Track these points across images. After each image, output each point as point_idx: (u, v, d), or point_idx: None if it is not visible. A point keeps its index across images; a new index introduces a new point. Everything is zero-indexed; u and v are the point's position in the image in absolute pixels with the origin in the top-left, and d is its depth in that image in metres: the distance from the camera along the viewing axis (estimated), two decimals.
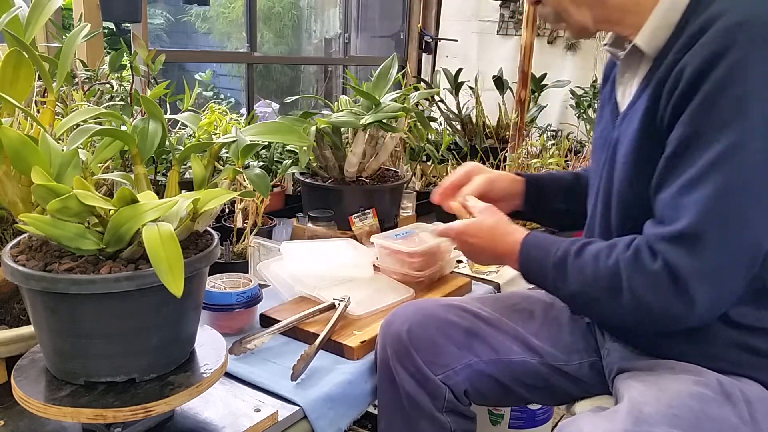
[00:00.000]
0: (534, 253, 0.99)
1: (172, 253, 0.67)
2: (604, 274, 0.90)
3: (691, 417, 0.82)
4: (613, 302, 0.89)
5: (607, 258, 0.90)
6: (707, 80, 0.82)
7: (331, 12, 4.22)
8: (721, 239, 0.82)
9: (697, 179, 0.83)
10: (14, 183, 0.82)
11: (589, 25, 0.99)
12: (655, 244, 0.86)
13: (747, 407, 0.85)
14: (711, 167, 0.82)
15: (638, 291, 0.86)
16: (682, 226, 0.83)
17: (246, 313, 1.17)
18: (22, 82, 0.86)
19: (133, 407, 0.75)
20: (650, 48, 0.94)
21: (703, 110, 0.83)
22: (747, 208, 0.82)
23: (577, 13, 0.98)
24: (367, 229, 1.63)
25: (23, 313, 0.97)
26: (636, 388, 0.89)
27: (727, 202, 0.82)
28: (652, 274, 0.85)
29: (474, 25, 3.43)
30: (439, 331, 1.09)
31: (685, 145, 0.85)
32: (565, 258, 0.95)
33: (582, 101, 2.82)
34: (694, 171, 0.83)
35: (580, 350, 1.11)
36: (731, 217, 0.82)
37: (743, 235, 0.82)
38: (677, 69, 0.86)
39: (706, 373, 0.90)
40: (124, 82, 1.57)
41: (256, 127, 0.96)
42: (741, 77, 0.81)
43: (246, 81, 2.84)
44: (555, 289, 0.98)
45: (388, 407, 1.10)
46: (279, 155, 1.85)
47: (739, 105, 0.81)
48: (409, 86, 2.32)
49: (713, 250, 0.82)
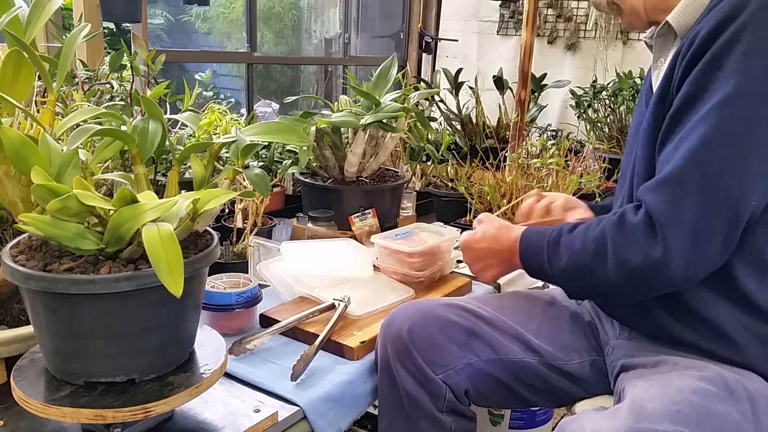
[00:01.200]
0: (533, 238, 1.04)
1: (171, 253, 0.67)
2: (591, 239, 0.93)
3: (694, 413, 0.82)
4: (601, 267, 0.91)
5: (596, 227, 0.94)
6: (716, 41, 0.85)
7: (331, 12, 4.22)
8: (702, 188, 0.84)
9: (689, 131, 0.86)
10: (14, 183, 0.82)
11: (641, 10, 1.01)
12: (641, 194, 0.89)
13: (750, 404, 0.85)
14: (701, 119, 0.84)
15: (619, 248, 0.89)
16: (666, 172, 0.86)
17: (246, 314, 1.17)
18: (22, 82, 0.86)
19: (133, 407, 0.74)
20: (679, 26, 0.96)
21: (709, 69, 0.86)
22: (731, 160, 0.83)
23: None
24: (367, 229, 1.63)
25: (23, 313, 0.97)
26: (639, 386, 0.90)
27: (711, 152, 0.84)
28: (632, 227, 0.88)
29: (474, 25, 3.43)
30: (439, 330, 1.09)
31: (687, 103, 0.87)
32: (559, 235, 0.99)
33: (582, 101, 2.82)
34: (689, 125, 0.86)
35: (581, 349, 1.11)
36: (711, 167, 0.84)
37: (724, 186, 0.84)
38: (692, 36, 0.89)
39: (709, 369, 0.90)
40: (124, 82, 1.57)
41: (256, 127, 0.96)
42: (747, 38, 0.83)
43: (246, 81, 2.84)
44: (551, 268, 1.00)
45: (389, 407, 1.10)
46: (279, 155, 1.85)
47: (741, 62, 0.83)
48: (409, 86, 2.32)
49: (693, 199, 0.84)
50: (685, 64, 0.89)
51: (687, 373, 0.90)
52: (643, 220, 0.87)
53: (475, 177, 2.09)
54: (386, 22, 3.76)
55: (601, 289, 0.99)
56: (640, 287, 0.92)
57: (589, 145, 2.41)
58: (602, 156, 2.36)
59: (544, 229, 1.03)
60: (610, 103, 2.77)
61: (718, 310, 0.92)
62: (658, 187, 0.87)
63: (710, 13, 0.89)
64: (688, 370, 0.91)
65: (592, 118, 2.81)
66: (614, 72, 2.83)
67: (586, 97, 2.82)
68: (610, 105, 2.78)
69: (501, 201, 1.93)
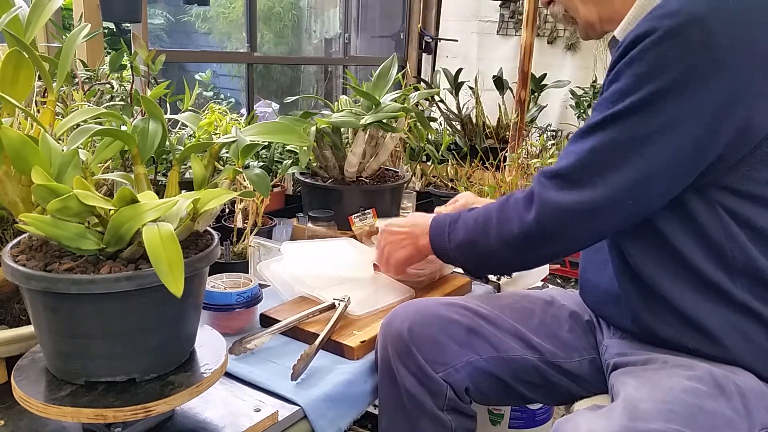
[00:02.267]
0: (439, 219, 1.14)
1: (172, 253, 0.67)
2: (482, 215, 1.04)
3: (686, 412, 0.82)
4: (486, 239, 1.02)
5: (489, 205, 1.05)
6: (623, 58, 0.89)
7: (331, 12, 4.22)
8: (583, 185, 0.91)
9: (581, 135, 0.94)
10: (14, 183, 0.82)
11: (595, 21, 1.02)
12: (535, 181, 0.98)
13: (741, 399, 0.86)
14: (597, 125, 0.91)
15: (501, 219, 1.00)
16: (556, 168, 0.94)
17: (246, 313, 1.17)
18: (22, 82, 0.86)
19: (134, 407, 0.75)
20: (622, 37, 0.97)
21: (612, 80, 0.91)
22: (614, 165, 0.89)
23: (584, 9, 1.02)
24: (367, 229, 1.63)
25: (23, 313, 0.97)
26: (630, 385, 0.90)
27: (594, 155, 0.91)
28: (514, 201, 0.99)
29: (474, 25, 3.43)
30: (439, 329, 1.09)
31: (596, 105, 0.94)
32: (459, 214, 1.10)
33: (582, 101, 2.82)
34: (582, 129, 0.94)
35: (580, 348, 1.12)
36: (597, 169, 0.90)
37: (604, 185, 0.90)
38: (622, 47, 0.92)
39: (698, 367, 0.91)
40: (125, 82, 1.57)
41: (256, 127, 0.96)
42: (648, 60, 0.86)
43: (246, 81, 2.85)
44: (449, 243, 1.09)
45: (389, 406, 1.10)
46: (279, 155, 1.85)
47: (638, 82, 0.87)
48: (409, 86, 2.32)
49: (574, 190, 0.92)
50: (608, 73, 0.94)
51: (676, 372, 0.90)
52: (526, 197, 0.97)
53: (475, 177, 2.09)
54: (386, 22, 3.76)
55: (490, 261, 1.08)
56: (516, 255, 1.02)
57: None
58: None
59: (453, 213, 1.13)
60: None
61: (702, 309, 0.92)
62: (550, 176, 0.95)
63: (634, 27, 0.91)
64: (677, 369, 0.91)
65: None
66: None
67: (586, 97, 2.82)
68: None
69: None
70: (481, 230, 1.03)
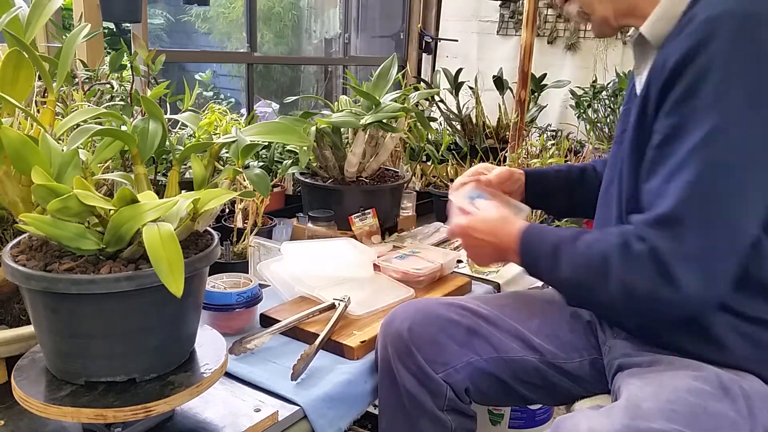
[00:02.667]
0: (533, 239, 1.01)
1: (172, 253, 0.67)
2: (595, 259, 0.91)
3: (689, 412, 0.82)
4: (603, 288, 0.90)
5: (598, 244, 0.92)
6: (687, 70, 0.85)
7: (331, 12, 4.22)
8: (702, 222, 0.83)
9: (680, 165, 0.85)
10: (14, 183, 0.82)
11: (610, 18, 1.01)
12: (640, 230, 0.87)
13: (745, 402, 0.86)
14: (691, 152, 0.84)
15: (625, 275, 0.87)
16: (663, 209, 0.85)
17: (246, 313, 1.17)
18: (22, 82, 0.86)
19: (134, 407, 0.75)
20: (653, 37, 0.96)
21: (685, 99, 0.85)
22: (728, 191, 0.83)
23: (600, 6, 1.01)
24: (367, 229, 1.63)
25: (23, 313, 0.97)
26: (635, 385, 0.90)
27: (706, 186, 0.83)
28: (638, 257, 0.86)
29: (474, 25, 3.43)
30: (439, 329, 1.09)
31: (670, 135, 0.87)
32: (560, 244, 0.97)
33: (582, 101, 2.82)
34: (677, 158, 0.85)
35: (580, 348, 1.11)
36: (711, 200, 0.83)
37: (724, 217, 0.83)
38: (664, 57, 0.89)
39: (705, 368, 0.90)
40: (124, 82, 1.57)
41: (256, 127, 0.96)
42: (720, 65, 0.82)
43: (246, 81, 2.85)
44: (549, 274, 0.99)
45: (389, 406, 1.10)
46: (279, 155, 1.85)
47: (718, 91, 0.82)
48: (409, 86, 2.32)
49: (694, 233, 0.83)
50: (660, 90, 0.89)
51: (682, 373, 0.90)
52: (650, 254, 0.85)
53: None
54: (386, 22, 3.76)
55: (601, 307, 0.99)
56: (644, 313, 0.93)
57: (588, 145, 2.41)
58: (602, 156, 2.36)
59: (545, 232, 1.01)
60: (610, 103, 2.77)
61: (711, 318, 0.91)
62: (657, 224, 0.85)
63: (681, 34, 0.88)
64: (684, 370, 0.91)
65: (591, 118, 2.81)
66: (614, 72, 2.83)
67: (586, 97, 2.82)
68: (610, 105, 2.78)
69: None
70: (596, 276, 0.91)
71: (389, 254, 1.49)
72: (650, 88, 0.92)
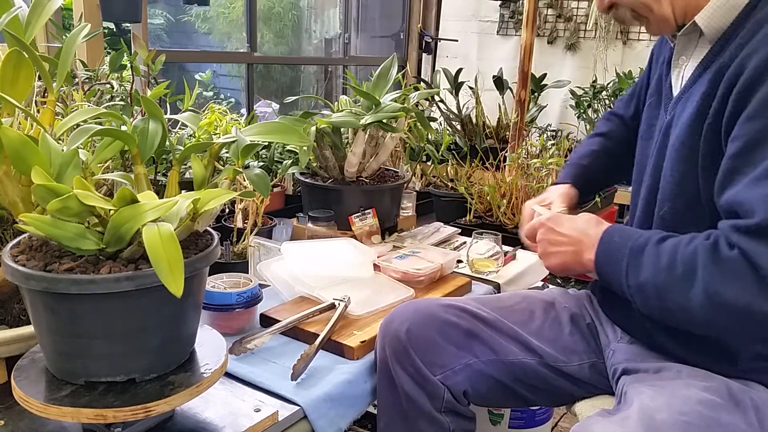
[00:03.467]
0: (616, 238, 0.95)
1: (172, 253, 0.67)
2: (681, 261, 0.85)
3: (703, 424, 0.82)
4: (686, 292, 0.84)
5: (686, 246, 0.86)
6: None
7: (331, 12, 4.22)
8: None
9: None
10: (14, 183, 0.82)
11: (670, 17, 0.97)
12: (732, 237, 0.82)
13: (756, 413, 0.86)
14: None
15: (714, 281, 0.82)
16: (760, 218, 0.79)
17: (246, 313, 1.17)
18: (22, 82, 0.86)
19: (134, 407, 0.75)
20: (709, 28, 0.93)
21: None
22: None
23: (658, 7, 0.96)
24: (367, 229, 1.63)
25: (23, 313, 0.97)
26: (645, 393, 0.89)
27: None
28: (730, 262, 0.81)
29: (474, 25, 3.43)
30: (438, 331, 1.09)
31: (754, 141, 0.82)
32: (645, 244, 0.91)
33: (582, 101, 2.82)
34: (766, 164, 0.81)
35: (580, 351, 1.11)
36: None
37: None
38: (742, 56, 0.85)
39: (714, 378, 0.90)
40: (124, 82, 1.57)
41: (256, 127, 0.96)
42: None
43: (246, 81, 2.85)
44: (626, 278, 0.91)
45: (388, 407, 1.10)
46: (279, 155, 1.85)
47: None
48: (409, 86, 2.32)
49: None
50: (738, 92, 0.84)
51: (692, 383, 0.90)
52: (743, 262, 0.80)
53: (475, 177, 2.09)
54: (386, 22, 3.76)
55: (677, 314, 0.88)
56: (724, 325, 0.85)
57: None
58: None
59: (630, 231, 0.95)
60: (610, 103, 2.77)
61: None
62: (754, 232, 0.80)
63: (758, 35, 0.84)
64: (693, 379, 0.91)
65: (591, 118, 2.81)
66: (614, 72, 2.84)
67: (586, 97, 2.82)
68: (610, 105, 2.78)
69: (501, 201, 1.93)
70: (680, 280, 0.85)
71: (389, 254, 1.49)
72: (719, 87, 0.87)
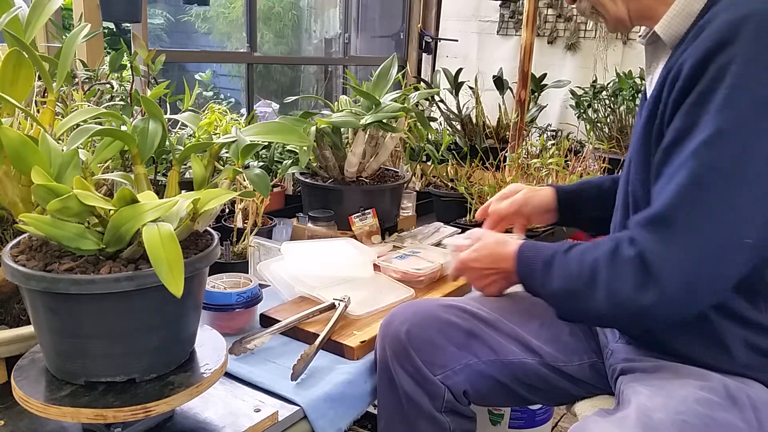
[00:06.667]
0: (527, 254, 1.03)
1: (172, 253, 0.67)
2: (586, 267, 0.90)
3: (701, 423, 0.82)
4: (591, 296, 0.89)
5: (591, 253, 0.91)
6: (704, 74, 0.83)
7: (331, 12, 4.22)
8: (690, 225, 0.81)
9: (679, 167, 0.83)
10: (14, 183, 0.82)
11: (625, 18, 1.00)
12: (633, 231, 0.86)
13: (754, 412, 0.86)
14: (691, 155, 0.82)
15: (611, 279, 0.86)
16: (654, 210, 0.84)
17: (246, 313, 1.17)
18: (22, 82, 0.86)
19: (133, 407, 0.75)
20: (667, 36, 0.94)
21: (699, 102, 0.83)
22: (720, 196, 0.80)
23: (613, 7, 0.99)
24: (367, 229, 1.63)
25: (23, 313, 0.97)
26: (643, 394, 0.89)
27: (699, 189, 0.81)
28: (625, 261, 0.85)
29: (474, 25, 3.43)
30: (438, 331, 1.09)
31: (678, 137, 0.85)
32: (553, 256, 0.97)
33: (582, 101, 2.82)
34: (679, 160, 0.84)
35: (580, 351, 1.11)
36: (702, 204, 0.81)
37: (715, 222, 0.80)
38: (681, 60, 0.87)
39: (711, 377, 0.90)
40: (124, 82, 1.57)
41: (256, 127, 0.96)
42: (735, 68, 0.80)
43: (246, 81, 2.85)
44: (542, 288, 0.99)
45: (388, 407, 1.10)
46: (279, 155, 1.85)
47: (728, 95, 0.80)
48: (409, 86, 2.32)
49: (682, 237, 0.81)
50: (675, 94, 0.86)
51: (689, 382, 0.90)
52: (635, 259, 0.84)
53: (475, 177, 2.09)
54: (386, 22, 3.76)
55: (591, 316, 0.97)
56: (629, 321, 0.91)
57: (589, 145, 2.41)
58: (602, 156, 2.37)
59: (540, 247, 1.02)
60: (610, 103, 2.77)
61: (719, 328, 0.91)
62: (648, 224, 0.84)
63: (699, 36, 0.86)
64: (690, 378, 0.91)
65: (592, 118, 2.81)
66: (614, 72, 2.83)
67: (586, 97, 2.82)
68: (610, 105, 2.78)
69: None
70: (585, 285, 0.90)
71: (389, 254, 1.49)
72: (664, 90, 0.89)
